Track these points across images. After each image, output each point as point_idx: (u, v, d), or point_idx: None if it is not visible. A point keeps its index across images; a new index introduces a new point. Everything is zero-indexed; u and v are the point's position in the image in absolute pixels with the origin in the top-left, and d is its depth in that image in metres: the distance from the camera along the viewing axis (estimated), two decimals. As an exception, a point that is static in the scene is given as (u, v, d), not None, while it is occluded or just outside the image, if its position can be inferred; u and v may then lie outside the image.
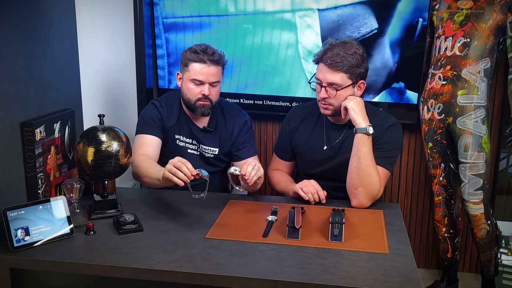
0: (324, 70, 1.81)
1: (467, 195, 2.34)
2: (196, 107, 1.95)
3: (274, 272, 1.30)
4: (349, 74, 1.79)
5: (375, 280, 1.27)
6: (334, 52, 1.78)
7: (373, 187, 1.76)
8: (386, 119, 1.91)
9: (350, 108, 1.77)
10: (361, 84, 1.86)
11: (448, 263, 2.57)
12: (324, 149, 1.95)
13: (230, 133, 2.05)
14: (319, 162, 1.96)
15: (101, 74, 2.55)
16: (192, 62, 1.90)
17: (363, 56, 1.83)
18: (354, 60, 1.78)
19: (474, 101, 2.26)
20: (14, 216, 1.44)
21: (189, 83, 1.93)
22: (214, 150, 2.04)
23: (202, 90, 1.92)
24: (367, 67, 1.85)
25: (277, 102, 2.68)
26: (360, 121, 1.76)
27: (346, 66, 1.77)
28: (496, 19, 2.20)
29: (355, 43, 1.83)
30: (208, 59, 1.89)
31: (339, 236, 1.50)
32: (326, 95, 1.82)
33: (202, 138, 2.04)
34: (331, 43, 1.83)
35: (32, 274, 1.54)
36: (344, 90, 1.81)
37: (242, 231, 1.56)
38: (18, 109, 1.62)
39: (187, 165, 1.56)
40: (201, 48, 1.90)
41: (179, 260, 1.37)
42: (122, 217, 1.60)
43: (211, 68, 1.90)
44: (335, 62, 1.77)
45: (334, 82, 1.80)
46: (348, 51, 1.78)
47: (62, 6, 1.88)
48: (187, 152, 2.03)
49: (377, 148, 1.82)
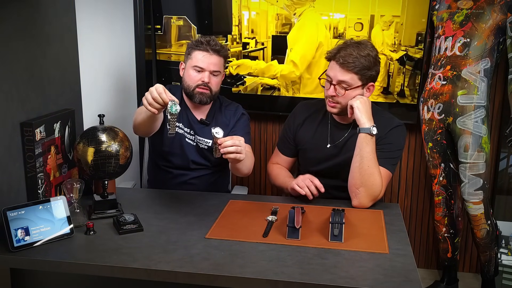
0: (335, 68, 1.81)
1: (467, 195, 2.34)
2: (194, 94, 1.98)
3: (274, 272, 1.30)
4: (359, 75, 1.79)
5: (375, 280, 1.27)
6: (347, 52, 1.78)
7: (375, 188, 1.76)
8: (391, 120, 1.91)
9: (356, 107, 1.77)
10: (370, 86, 1.85)
11: (448, 263, 2.57)
12: (327, 147, 1.95)
13: (226, 125, 2.07)
14: (322, 160, 1.96)
15: (101, 74, 2.55)
16: (195, 50, 1.97)
17: (376, 59, 1.82)
18: (366, 62, 1.78)
19: (474, 101, 2.26)
20: (14, 216, 1.44)
21: (191, 70, 1.98)
22: (208, 142, 2.06)
23: (202, 77, 1.96)
24: (378, 70, 1.85)
25: (277, 102, 2.68)
26: (365, 121, 1.76)
27: (357, 67, 1.77)
28: (496, 19, 2.20)
29: (369, 45, 1.82)
30: (210, 48, 1.95)
31: (339, 236, 1.50)
32: (335, 93, 1.82)
33: (198, 129, 2.07)
34: (346, 42, 1.82)
35: (32, 274, 1.54)
36: (353, 91, 1.81)
37: (242, 231, 1.56)
38: (18, 109, 1.62)
39: (158, 90, 1.53)
40: (205, 39, 1.98)
41: (179, 260, 1.37)
42: (122, 217, 1.60)
43: (212, 57, 1.96)
44: (347, 62, 1.77)
45: (344, 81, 1.79)
46: (362, 53, 1.77)
47: (62, 6, 1.87)
48: (185, 140, 2.06)
49: (379, 149, 1.82)
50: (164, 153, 2.07)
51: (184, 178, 2.08)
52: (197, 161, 2.07)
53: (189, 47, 2.01)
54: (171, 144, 2.04)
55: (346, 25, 2.50)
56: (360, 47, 1.79)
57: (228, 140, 1.60)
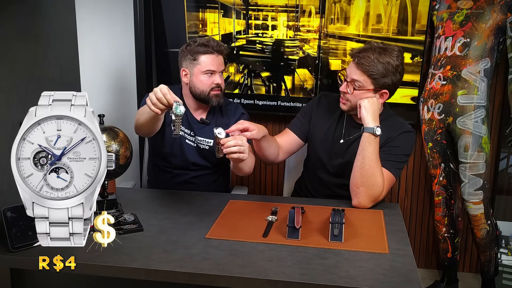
0: (352, 66, 1.82)
1: (467, 195, 2.34)
2: (210, 98, 1.99)
3: (274, 272, 1.30)
4: (372, 80, 1.78)
5: (375, 280, 1.27)
6: (367, 54, 1.77)
7: (375, 188, 1.76)
8: (403, 125, 1.90)
9: (363, 106, 1.77)
10: (384, 94, 1.83)
11: (448, 263, 2.57)
12: (340, 142, 1.94)
13: (226, 125, 2.06)
14: (331, 155, 1.96)
15: (101, 73, 2.55)
16: (201, 55, 1.96)
17: (396, 68, 1.79)
18: (383, 69, 1.77)
19: (474, 101, 2.27)
20: (14, 216, 1.44)
21: (201, 75, 1.97)
22: (209, 142, 2.06)
23: (214, 79, 1.98)
24: (396, 80, 1.81)
25: (277, 102, 2.68)
26: (369, 121, 1.76)
27: (372, 72, 1.77)
28: (496, 19, 2.20)
29: (395, 53, 1.79)
30: (215, 50, 1.96)
31: (339, 236, 1.50)
32: (345, 90, 1.83)
33: (198, 129, 2.06)
34: (372, 45, 1.81)
35: (32, 274, 1.54)
36: (363, 92, 1.80)
37: (242, 231, 1.56)
38: (18, 109, 1.62)
39: (162, 91, 1.52)
40: (206, 40, 1.97)
41: (179, 260, 1.37)
42: (122, 217, 1.60)
43: (219, 58, 1.98)
44: (362, 64, 1.77)
45: (356, 80, 1.80)
46: (381, 59, 1.76)
47: (62, 6, 1.88)
48: (185, 142, 2.06)
49: (386, 150, 1.81)
50: (164, 154, 2.07)
51: (184, 178, 2.09)
52: (197, 162, 2.07)
53: (192, 52, 1.97)
54: (171, 145, 2.04)
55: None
56: (383, 53, 1.78)
57: (230, 140, 1.60)
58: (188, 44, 1.99)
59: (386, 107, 1.94)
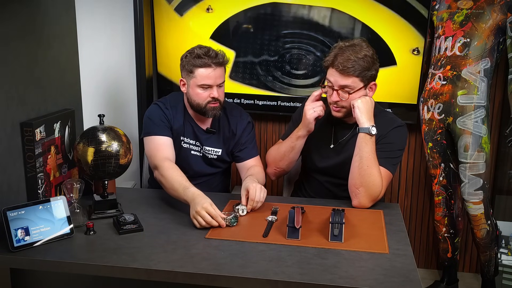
0: (335, 74, 1.79)
1: (467, 195, 2.34)
2: (207, 111, 1.93)
3: (274, 272, 1.30)
4: (360, 78, 1.78)
5: (375, 280, 1.27)
6: (344, 57, 1.76)
7: (374, 188, 1.76)
8: (393, 120, 1.90)
9: (356, 106, 1.77)
10: (372, 86, 1.84)
11: (448, 263, 2.57)
12: (331, 147, 1.94)
13: (233, 133, 2.05)
14: (324, 159, 1.96)
15: (101, 74, 2.55)
16: (197, 68, 1.87)
17: (373, 57, 1.80)
18: (365, 63, 1.76)
19: (474, 101, 2.27)
20: (14, 216, 1.44)
21: (197, 88, 1.90)
22: (218, 151, 2.04)
23: (211, 93, 1.90)
24: (377, 68, 1.83)
25: (277, 102, 2.68)
26: (364, 121, 1.76)
27: (358, 70, 1.76)
28: (496, 19, 2.20)
29: (364, 45, 1.81)
30: (213, 62, 1.87)
31: (339, 236, 1.50)
32: (338, 98, 1.81)
33: (205, 139, 2.03)
34: (341, 47, 1.80)
35: (32, 274, 1.54)
36: (356, 93, 1.80)
37: (242, 231, 1.56)
38: (18, 109, 1.62)
39: (209, 210, 1.57)
40: (204, 52, 1.87)
41: (179, 260, 1.37)
42: (122, 217, 1.61)
43: (217, 71, 1.88)
44: (347, 67, 1.75)
45: (346, 85, 1.78)
46: (359, 55, 1.76)
47: (62, 6, 1.88)
48: (190, 153, 2.03)
49: (380, 148, 1.81)
50: None
51: None
52: (204, 171, 2.05)
53: (189, 65, 1.89)
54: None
55: None
56: (356, 49, 1.78)
57: (258, 204, 1.73)
58: (185, 55, 1.92)
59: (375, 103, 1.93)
